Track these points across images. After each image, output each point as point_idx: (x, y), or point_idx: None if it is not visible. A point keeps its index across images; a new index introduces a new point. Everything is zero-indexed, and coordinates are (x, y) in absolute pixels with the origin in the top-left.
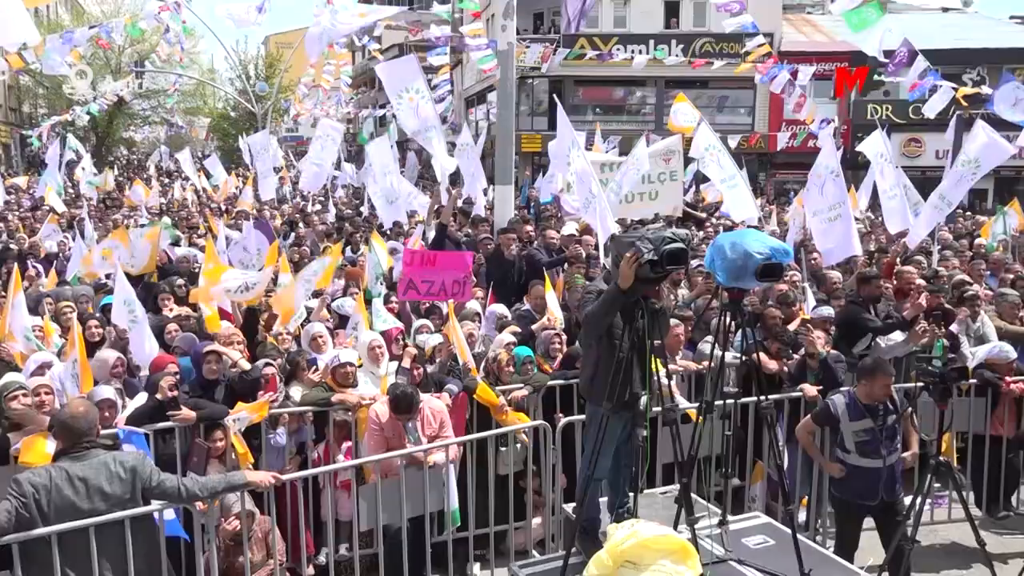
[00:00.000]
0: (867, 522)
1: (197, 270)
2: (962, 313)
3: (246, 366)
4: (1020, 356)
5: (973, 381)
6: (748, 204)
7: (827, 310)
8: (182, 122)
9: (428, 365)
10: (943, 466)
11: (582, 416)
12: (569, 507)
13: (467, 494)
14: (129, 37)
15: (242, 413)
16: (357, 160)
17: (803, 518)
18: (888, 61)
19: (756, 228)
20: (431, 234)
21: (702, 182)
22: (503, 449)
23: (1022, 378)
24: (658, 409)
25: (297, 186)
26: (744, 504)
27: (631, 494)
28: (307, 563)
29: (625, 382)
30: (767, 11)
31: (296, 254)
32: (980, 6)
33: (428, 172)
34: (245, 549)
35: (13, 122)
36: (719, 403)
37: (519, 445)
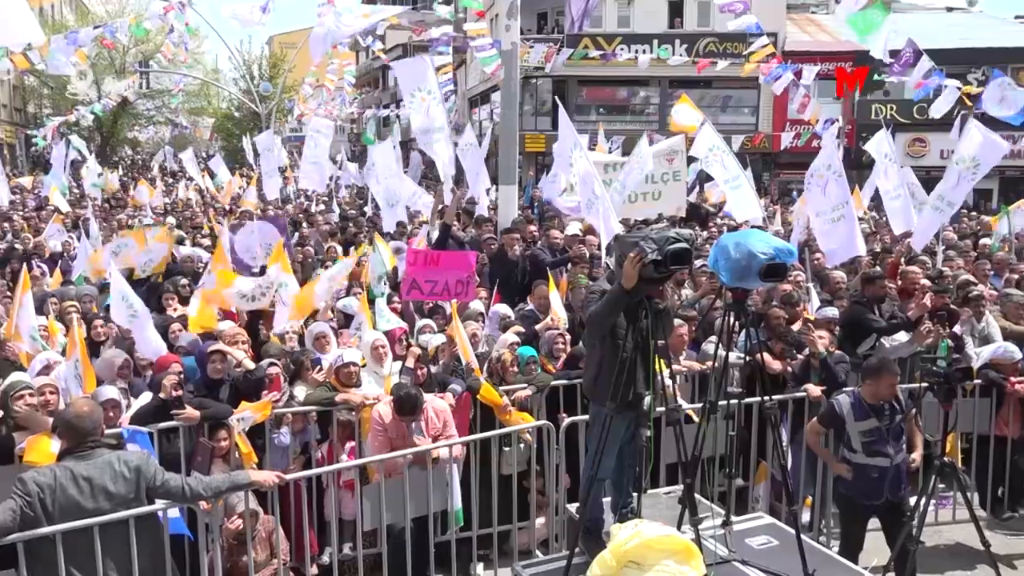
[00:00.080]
0: (872, 523)
1: (201, 270)
2: (965, 314)
3: (250, 365)
4: None
5: (978, 382)
6: (752, 205)
7: (831, 311)
8: (186, 122)
9: (432, 365)
10: (947, 467)
11: (586, 416)
12: (573, 507)
13: (471, 494)
14: (133, 37)
15: (246, 413)
16: (361, 160)
17: (807, 518)
18: (893, 61)
19: (760, 228)
20: (435, 234)
21: (705, 182)
22: (507, 449)
23: None
24: (662, 409)
25: (300, 188)
26: (748, 504)
27: (635, 494)
28: (311, 563)
29: (629, 382)
30: (771, 11)
31: (300, 254)
32: (985, 5)
33: (432, 172)
34: (249, 548)
35: (18, 122)
36: (723, 403)
37: (523, 445)
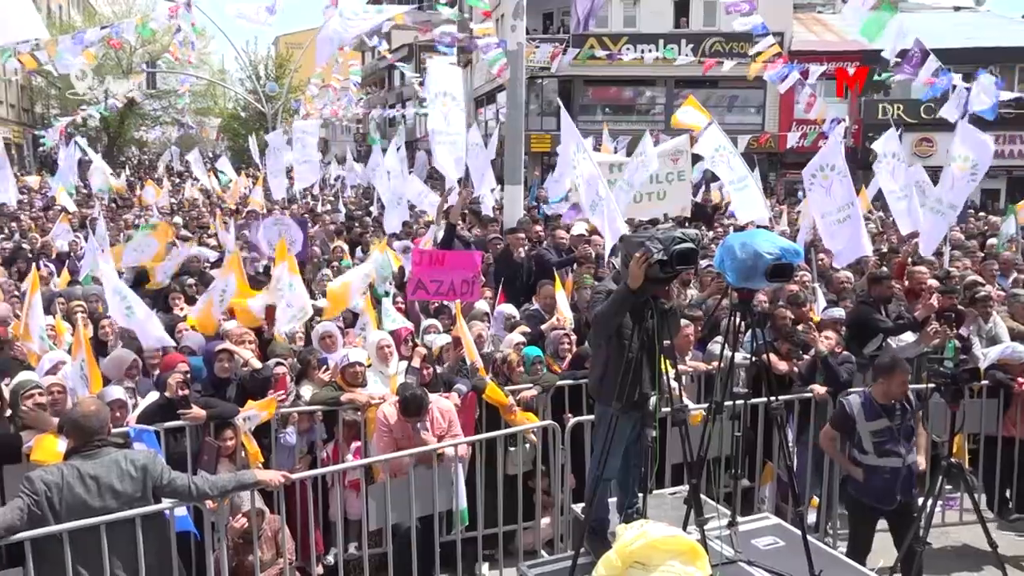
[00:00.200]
0: (879, 524)
1: (207, 268)
2: (972, 314)
3: (257, 365)
4: None
5: (985, 382)
6: (758, 206)
7: (838, 311)
8: (192, 122)
9: (437, 365)
10: (955, 468)
11: (591, 416)
12: (578, 507)
13: (476, 494)
14: (140, 37)
15: (251, 411)
16: (366, 160)
17: (813, 519)
18: (901, 61)
19: (766, 228)
20: (441, 234)
21: (711, 181)
22: (512, 449)
23: None
24: (667, 409)
25: (304, 188)
26: (754, 505)
27: (640, 494)
28: (316, 562)
29: (635, 382)
30: (778, 10)
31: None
32: (992, 4)
33: (437, 172)
34: (255, 548)
35: (26, 123)
36: (729, 404)
37: (528, 445)
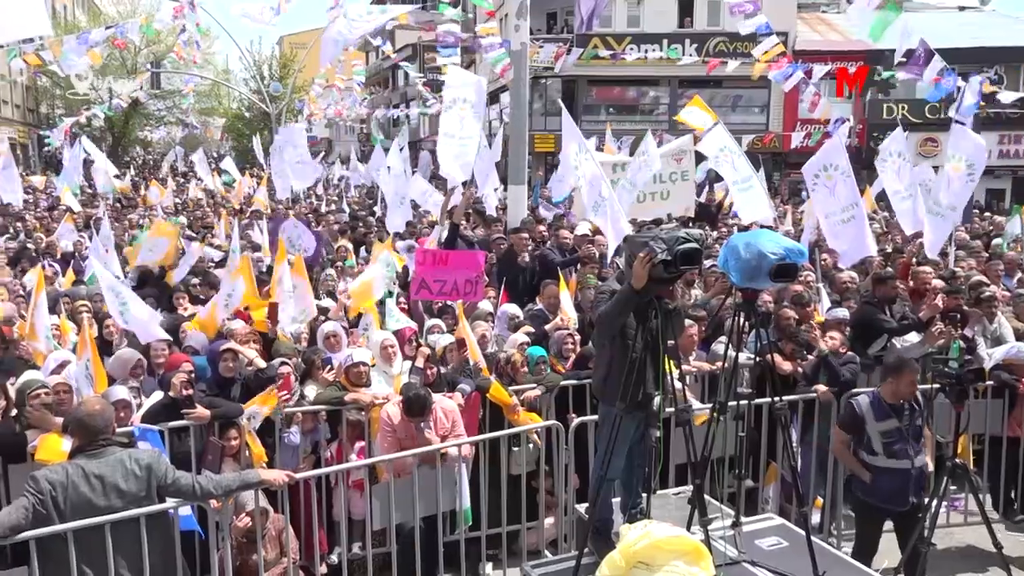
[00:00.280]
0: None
1: (211, 267)
2: (977, 315)
3: (262, 364)
4: None
5: (990, 383)
6: (762, 206)
7: (842, 311)
8: (197, 122)
9: (441, 365)
10: (959, 468)
11: (595, 416)
12: (582, 507)
13: (480, 494)
14: (145, 37)
15: (253, 408)
16: (369, 160)
17: (817, 520)
18: (905, 60)
19: (770, 228)
20: (445, 234)
21: (715, 181)
22: (516, 449)
23: None
24: (671, 409)
25: (308, 188)
26: (758, 505)
27: (644, 495)
28: (320, 562)
29: (638, 382)
30: (782, 10)
31: None
32: (997, 4)
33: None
34: (259, 547)
35: (31, 123)
36: (733, 404)
37: (532, 445)
